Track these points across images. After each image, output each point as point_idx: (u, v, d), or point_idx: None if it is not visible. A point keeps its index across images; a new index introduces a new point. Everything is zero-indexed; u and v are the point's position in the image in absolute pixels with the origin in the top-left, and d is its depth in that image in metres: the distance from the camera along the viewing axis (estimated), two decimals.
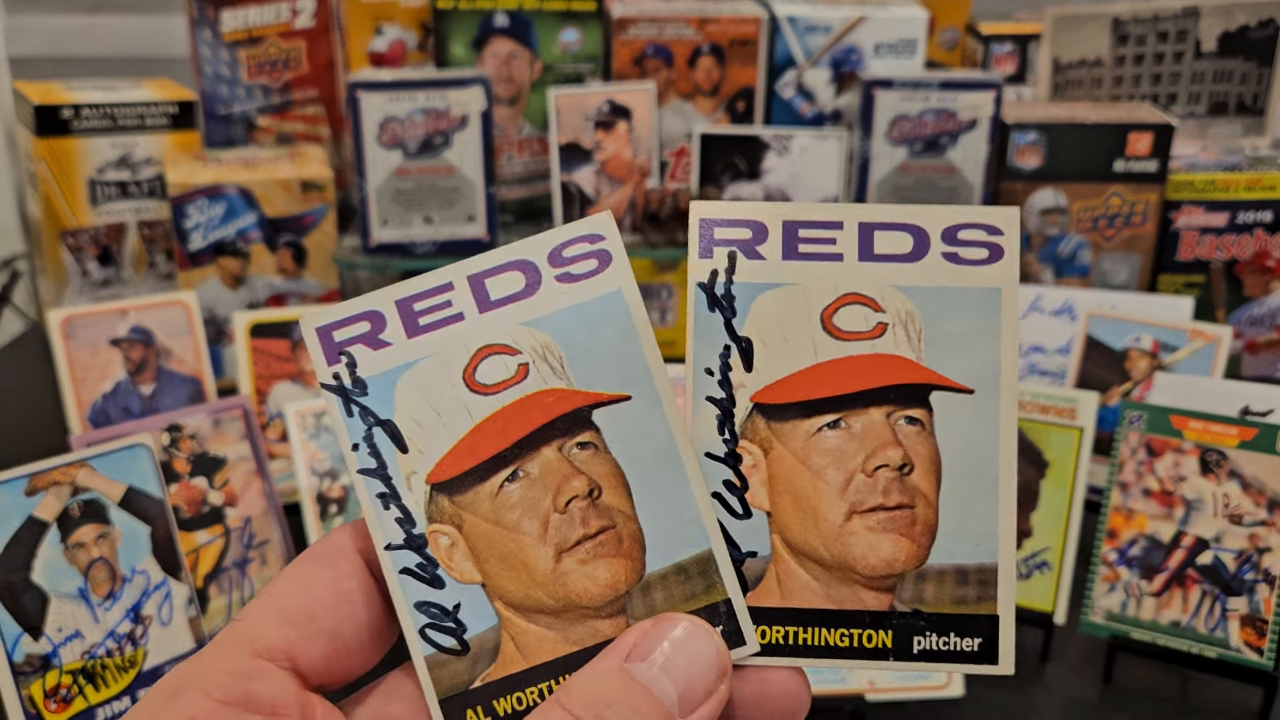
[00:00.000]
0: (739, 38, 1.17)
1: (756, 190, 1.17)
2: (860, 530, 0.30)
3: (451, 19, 1.15)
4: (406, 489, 0.30)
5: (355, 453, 0.30)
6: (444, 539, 0.30)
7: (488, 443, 0.30)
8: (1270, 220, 1.11)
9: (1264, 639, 0.73)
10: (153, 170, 1.12)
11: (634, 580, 0.29)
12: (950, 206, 0.30)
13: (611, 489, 0.30)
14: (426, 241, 1.11)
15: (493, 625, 0.30)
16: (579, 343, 0.30)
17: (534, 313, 0.30)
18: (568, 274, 0.30)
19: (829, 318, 0.30)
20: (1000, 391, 0.29)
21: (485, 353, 0.30)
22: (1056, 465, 0.80)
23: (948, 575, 0.29)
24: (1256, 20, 1.20)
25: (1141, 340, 0.96)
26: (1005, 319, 0.30)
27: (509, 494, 0.30)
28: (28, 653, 0.65)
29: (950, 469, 0.30)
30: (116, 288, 1.14)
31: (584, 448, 0.30)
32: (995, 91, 1.11)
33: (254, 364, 0.93)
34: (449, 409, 0.30)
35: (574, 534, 0.29)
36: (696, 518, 0.30)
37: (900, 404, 0.30)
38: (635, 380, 0.30)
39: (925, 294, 0.30)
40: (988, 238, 0.30)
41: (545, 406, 0.30)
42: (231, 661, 0.29)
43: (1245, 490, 0.74)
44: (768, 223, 0.30)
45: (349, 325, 0.31)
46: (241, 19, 1.17)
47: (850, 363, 0.30)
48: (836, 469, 0.30)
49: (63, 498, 0.67)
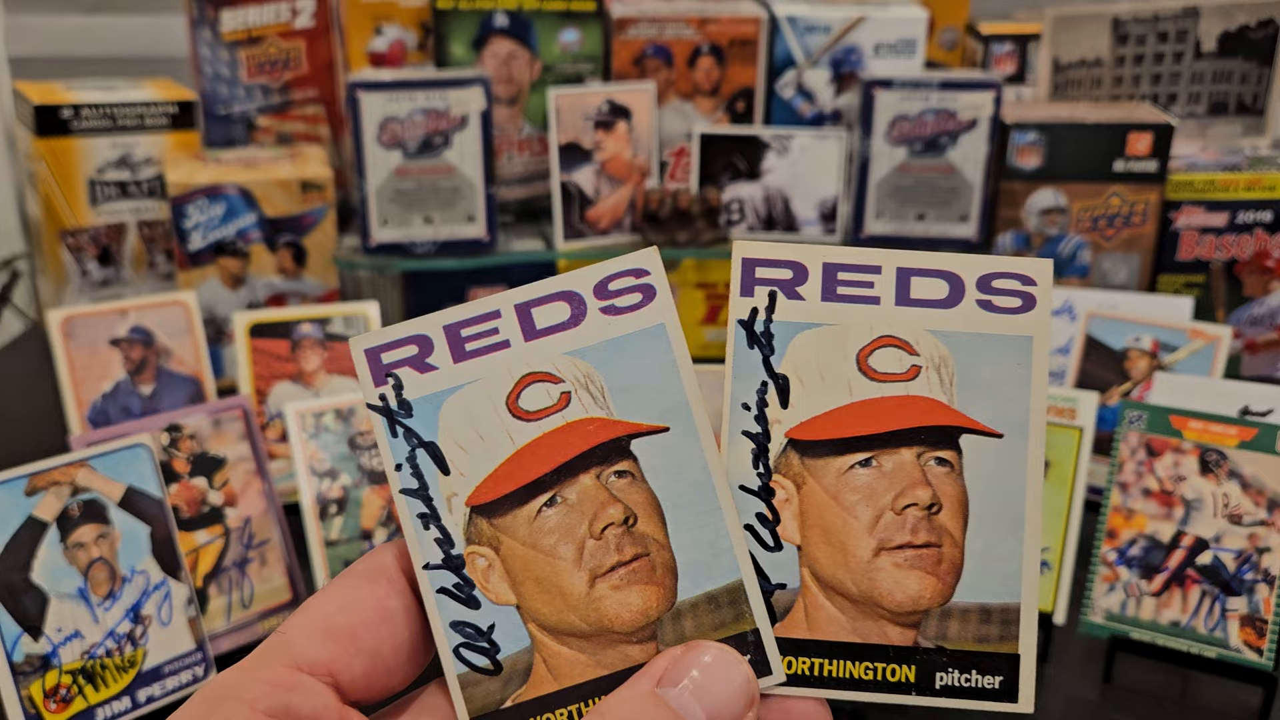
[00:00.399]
0: (739, 38, 1.17)
1: (756, 190, 1.17)
2: (888, 567, 0.30)
3: (451, 19, 1.15)
4: (447, 510, 0.31)
5: (398, 473, 0.31)
6: (481, 560, 0.30)
7: (528, 468, 0.30)
8: (1270, 220, 1.11)
9: (1263, 639, 0.73)
10: (152, 170, 1.12)
11: (665, 607, 0.30)
12: (986, 256, 0.31)
13: (647, 517, 0.30)
14: (426, 241, 1.11)
15: (525, 647, 0.30)
16: (621, 374, 0.31)
17: (578, 343, 0.31)
18: (612, 306, 0.31)
19: (865, 359, 0.31)
20: (1029, 437, 0.30)
21: (529, 380, 0.31)
22: (1056, 465, 0.80)
23: (971, 614, 0.30)
24: (1256, 20, 1.20)
25: (1141, 340, 0.96)
26: (1036, 366, 0.30)
27: (546, 519, 0.30)
28: (27, 653, 0.65)
29: (977, 510, 0.30)
30: (116, 288, 1.14)
31: (621, 476, 0.31)
32: (995, 91, 1.11)
33: (254, 364, 0.93)
34: (491, 433, 0.31)
35: (609, 560, 0.30)
36: (728, 549, 0.30)
37: (931, 445, 0.30)
38: (674, 413, 0.30)
39: (959, 339, 0.31)
40: (1021, 287, 0.31)
41: (585, 435, 0.30)
42: (273, 673, 0.29)
43: (1245, 490, 0.74)
44: (808, 264, 0.31)
45: (397, 348, 0.31)
46: (241, 19, 1.17)
47: (884, 403, 0.31)
48: (867, 506, 0.30)
49: (62, 498, 0.67)
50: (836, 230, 1.17)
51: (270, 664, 0.29)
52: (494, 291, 1.15)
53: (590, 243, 1.15)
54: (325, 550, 0.78)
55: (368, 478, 0.80)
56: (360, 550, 0.79)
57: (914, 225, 1.14)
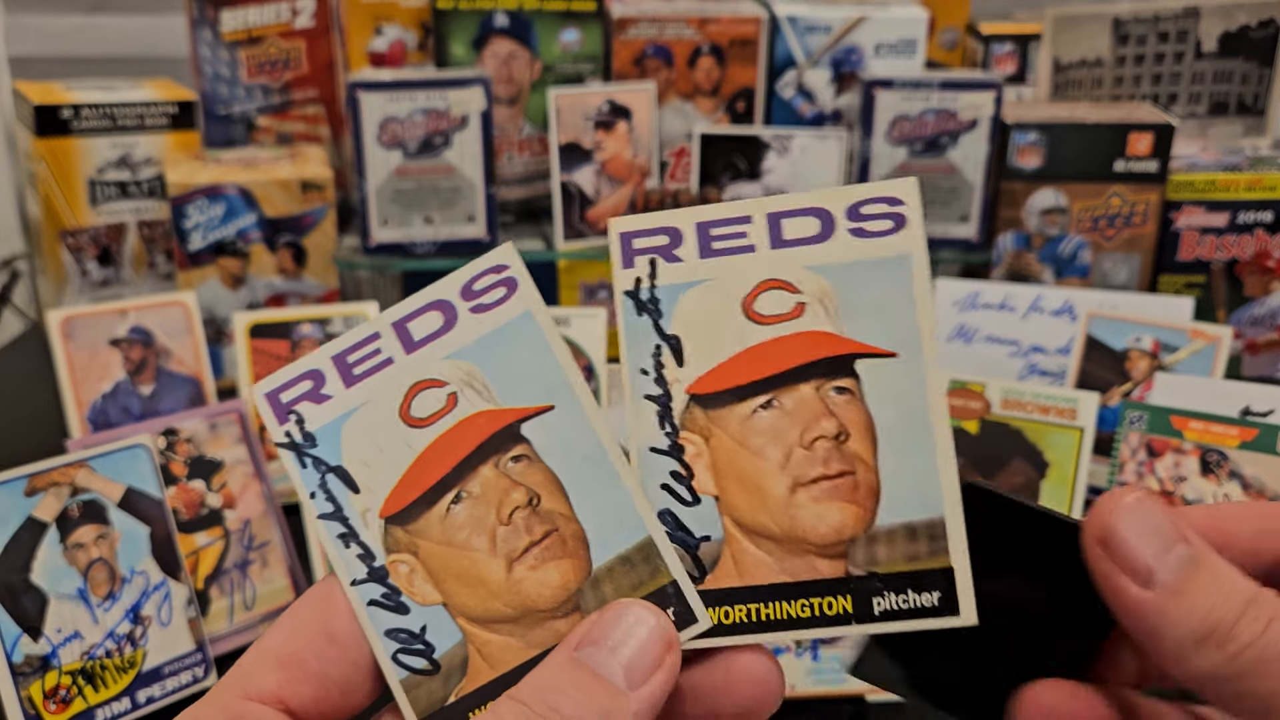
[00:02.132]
0: (739, 38, 1.17)
1: (757, 190, 1.17)
2: (806, 501, 0.31)
3: (451, 19, 1.15)
4: (363, 526, 0.32)
5: (313, 500, 0.32)
6: (403, 567, 0.32)
7: (430, 471, 0.32)
8: (1270, 220, 1.11)
9: None
10: (152, 170, 1.12)
11: (583, 578, 0.31)
12: (851, 186, 0.32)
13: (549, 495, 0.31)
14: (426, 242, 1.11)
15: (458, 641, 0.31)
16: (499, 366, 0.32)
17: (455, 345, 0.32)
18: (480, 305, 0.32)
19: (749, 305, 0.31)
20: (923, 350, 0.31)
21: (416, 389, 0.32)
22: (1057, 466, 0.80)
23: (897, 534, 0.30)
24: (1257, 20, 1.20)
25: (1142, 340, 0.96)
26: (917, 282, 0.31)
27: (456, 515, 0.31)
28: (27, 653, 0.65)
29: (885, 431, 0.31)
30: (116, 288, 1.14)
31: (518, 460, 0.32)
32: (995, 91, 1.11)
33: (254, 364, 0.93)
34: (390, 446, 0.32)
35: (521, 542, 0.31)
36: (631, 509, 0.31)
37: (827, 376, 0.31)
38: (555, 391, 0.32)
39: (837, 270, 0.31)
40: (890, 209, 0.31)
41: (477, 429, 0.32)
42: (226, 704, 0.30)
43: (1246, 491, 0.74)
44: (681, 226, 0.32)
45: (293, 386, 0.33)
46: (241, 19, 1.17)
47: (775, 344, 0.31)
48: (775, 446, 0.31)
49: (62, 498, 0.67)
50: None
51: (223, 695, 0.30)
52: None
53: (590, 243, 1.15)
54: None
55: None
56: None
57: None
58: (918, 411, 0.31)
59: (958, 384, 0.83)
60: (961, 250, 1.15)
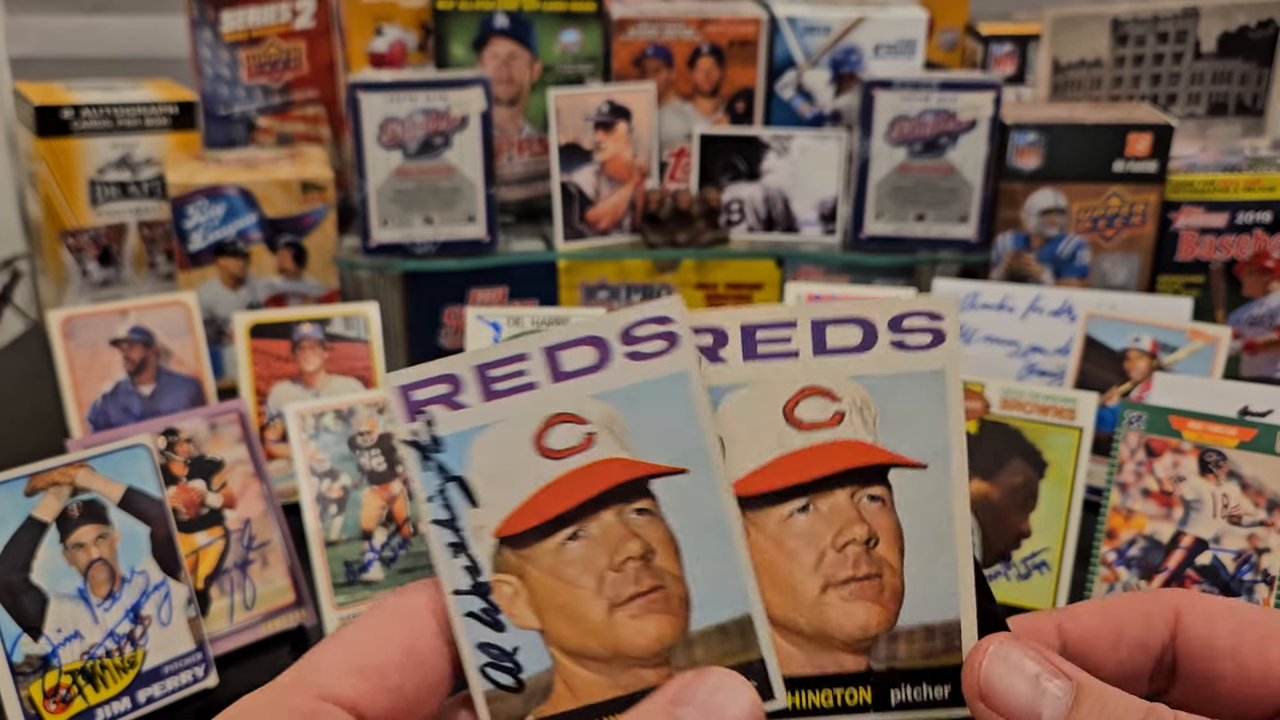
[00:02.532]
0: (739, 38, 1.17)
1: (756, 190, 1.17)
2: (835, 601, 0.32)
3: (451, 20, 1.16)
4: (475, 540, 0.32)
5: (429, 504, 0.32)
6: (507, 588, 0.32)
7: (553, 503, 0.32)
8: (1270, 221, 1.11)
9: None
10: (153, 171, 1.12)
11: (678, 636, 0.32)
12: (893, 298, 0.33)
13: (664, 552, 0.32)
14: (426, 242, 1.11)
15: (547, 668, 0.32)
16: (643, 418, 0.32)
17: (603, 386, 0.32)
18: (637, 352, 0.32)
19: (791, 411, 0.33)
20: (951, 462, 0.32)
21: (555, 420, 0.32)
22: (1056, 465, 0.80)
23: (917, 634, 0.32)
24: (1256, 21, 1.20)
25: (1141, 341, 0.96)
26: (950, 397, 0.32)
27: (570, 551, 0.32)
28: (27, 653, 0.65)
29: (911, 538, 0.32)
30: (117, 288, 1.15)
31: (641, 514, 0.32)
32: (995, 92, 1.11)
33: (254, 364, 0.93)
34: (519, 470, 0.32)
35: (627, 590, 0.32)
36: (739, 583, 0.32)
37: (862, 484, 0.32)
38: (692, 456, 0.32)
39: (877, 381, 0.33)
40: (930, 324, 0.33)
41: (609, 474, 0.32)
42: (300, 701, 0.30)
43: (1244, 491, 0.74)
44: (726, 328, 0.33)
45: (428, 386, 0.32)
46: (241, 19, 1.17)
47: (813, 451, 0.33)
48: (809, 548, 0.32)
49: (62, 498, 0.67)
50: (836, 230, 1.17)
51: (296, 691, 0.30)
52: (495, 293, 1.15)
53: (590, 243, 1.15)
54: (325, 550, 0.78)
55: (368, 478, 0.80)
56: (360, 550, 0.79)
57: (914, 226, 1.15)
58: (943, 521, 0.32)
59: None
60: (960, 250, 1.15)
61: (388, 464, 0.81)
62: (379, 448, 0.81)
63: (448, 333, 1.16)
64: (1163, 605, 0.33)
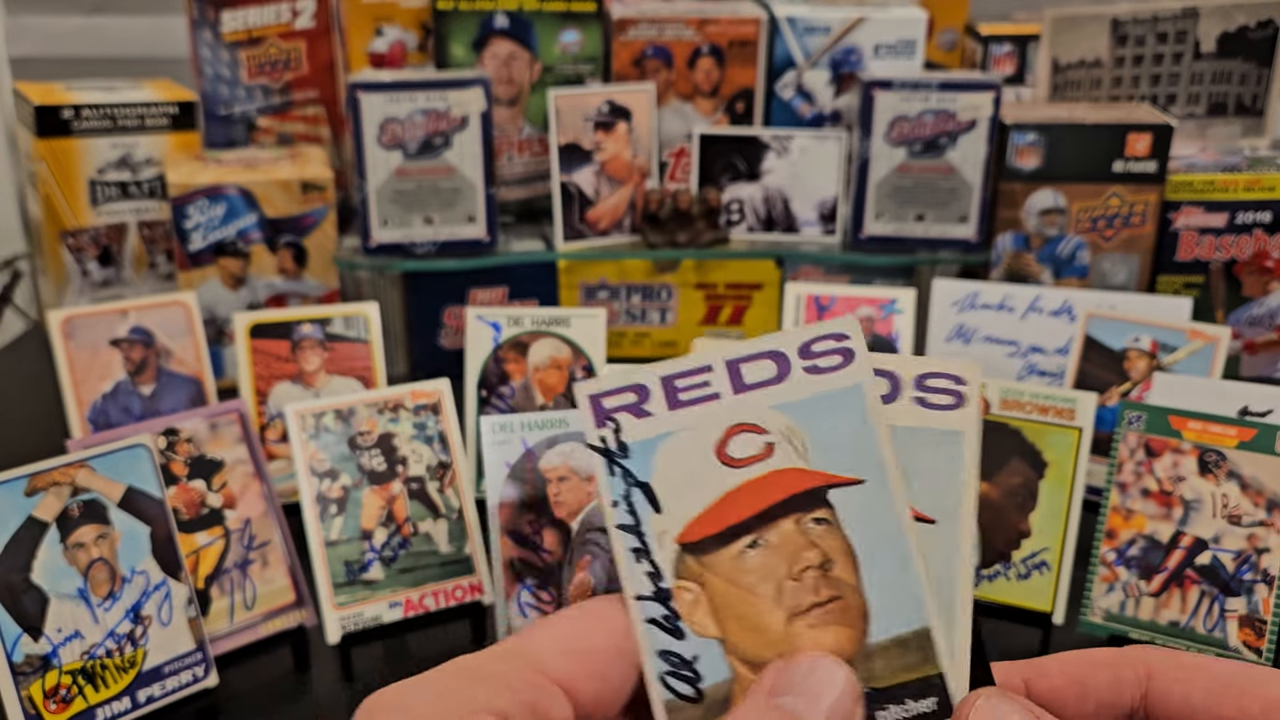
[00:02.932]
0: (738, 39, 1.17)
1: (756, 190, 1.17)
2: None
3: (451, 20, 1.16)
4: (658, 546, 0.33)
5: (614, 509, 0.33)
6: (688, 595, 0.33)
7: (734, 511, 0.33)
8: (1269, 221, 1.11)
9: (1262, 639, 0.73)
10: (153, 171, 1.12)
11: (856, 649, 0.32)
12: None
13: (842, 563, 0.32)
14: (426, 242, 1.11)
15: (726, 679, 0.32)
16: (820, 428, 0.33)
17: (783, 398, 0.33)
18: (815, 366, 0.33)
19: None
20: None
21: (737, 430, 0.33)
22: (1055, 465, 0.80)
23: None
24: (1255, 21, 1.20)
25: (1140, 341, 0.96)
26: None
27: (749, 559, 0.32)
28: (27, 653, 0.65)
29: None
30: (117, 288, 1.15)
31: (820, 523, 0.33)
32: (994, 92, 1.11)
33: (254, 364, 0.93)
34: (701, 477, 0.33)
35: (806, 600, 0.32)
36: (917, 596, 0.32)
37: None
38: (868, 467, 0.33)
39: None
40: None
41: (788, 483, 0.33)
42: (525, 673, 0.31)
43: (1244, 491, 0.74)
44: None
45: (617, 394, 0.33)
46: (241, 20, 1.17)
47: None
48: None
49: (62, 498, 0.67)
50: (836, 230, 1.17)
51: (518, 663, 0.31)
52: (495, 293, 1.15)
53: (590, 243, 1.15)
54: (325, 550, 0.78)
55: (368, 478, 0.80)
56: (360, 550, 0.79)
57: (913, 226, 1.15)
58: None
59: None
60: (960, 251, 1.15)
61: (388, 464, 0.81)
62: (379, 448, 0.81)
63: (448, 333, 1.16)
64: (1134, 663, 0.33)
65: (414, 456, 0.82)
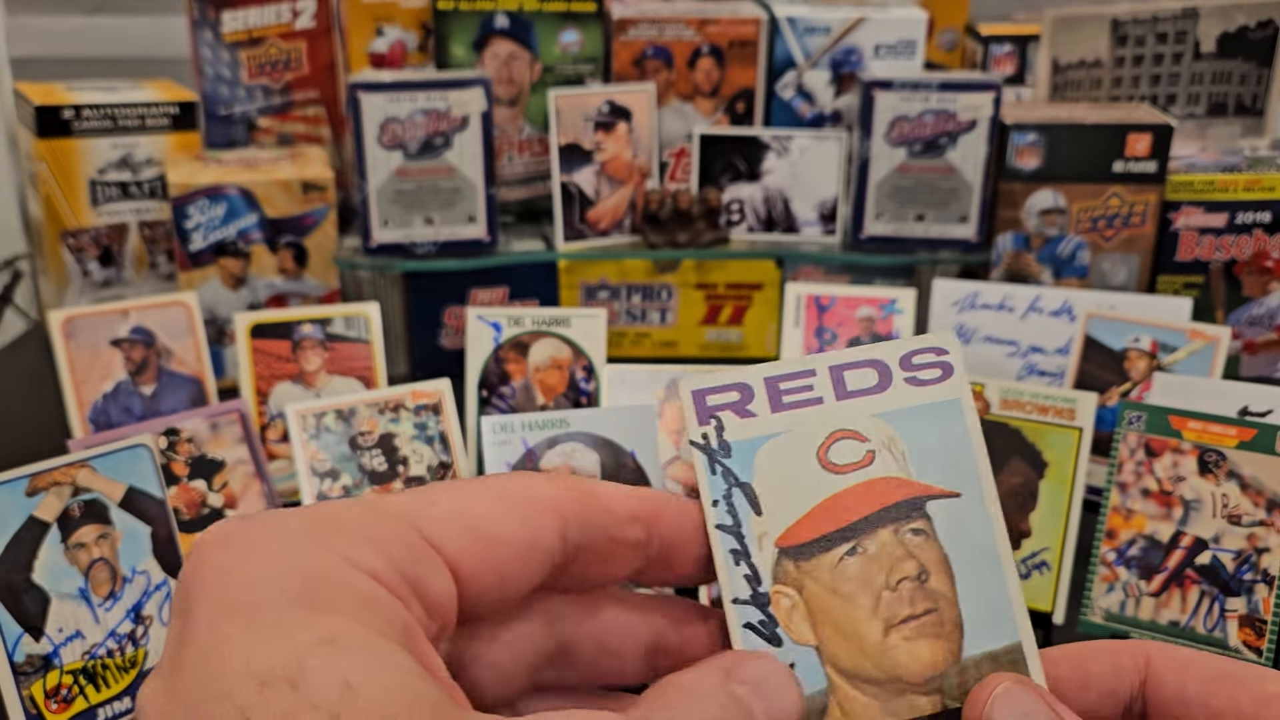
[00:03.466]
0: (739, 39, 1.17)
1: (756, 191, 1.17)
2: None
3: (452, 20, 1.16)
4: (757, 548, 0.32)
5: (714, 509, 0.33)
6: (786, 600, 0.32)
7: (834, 517, 0.33)
8: (1269, 221, 1.11)
9: (1262, 639, 0.73)
10: (154, 171, 1.13)
11: (951, 662, 0.32)
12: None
13: (938, 575, 0.32)
14: (427, 242, 1.11)
15: (822, 689, 0.32)
16: (920, 439, 0.33)
17: (884, 407, 0.33)
18: (915, 378, 0.34)
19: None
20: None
21: (838, 436, 0.33)
22: (1055, 465, 0.80)
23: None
24: (1255, 21, 1.20)
25: (1140, 341, 0.96)
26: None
27: (848, 566, 0.32)
28: (28, 653, 0.65)
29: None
30: (117, 288, 1.15)
31: (917, 534, 0.33)
32: (994, 92, 1.11)
33: (255, 364, 0.93)
34: (802, 481, 0.33)
35: (903, 611, 0.32)
36: (1010, 611, 0.32)
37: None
38: (966, 480, 0.33)
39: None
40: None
41: (887, 491, 0.33)
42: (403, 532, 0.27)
43: (1244, 490, 0.74)
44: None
45: (722, 392, 0.33)
46: (242, 20, 1.17)
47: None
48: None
49: (63, 498, 0.67)
50: (836, 230, 1.17)
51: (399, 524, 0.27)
52: (495, 293, 1.15)
53: (591, 243, 1.15)
54: None
55: (368, 478, 0.80)
56: None
57: (914, 226, 1.15)
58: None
59: None
60: (960, 251, 1.15)
61: (388, 464, 0.81)
62: (380, 448, 0.81)
63: (448, 333, 1.17)
64: (1134, 653, 0.33)
65: (415, 457, 0.82)
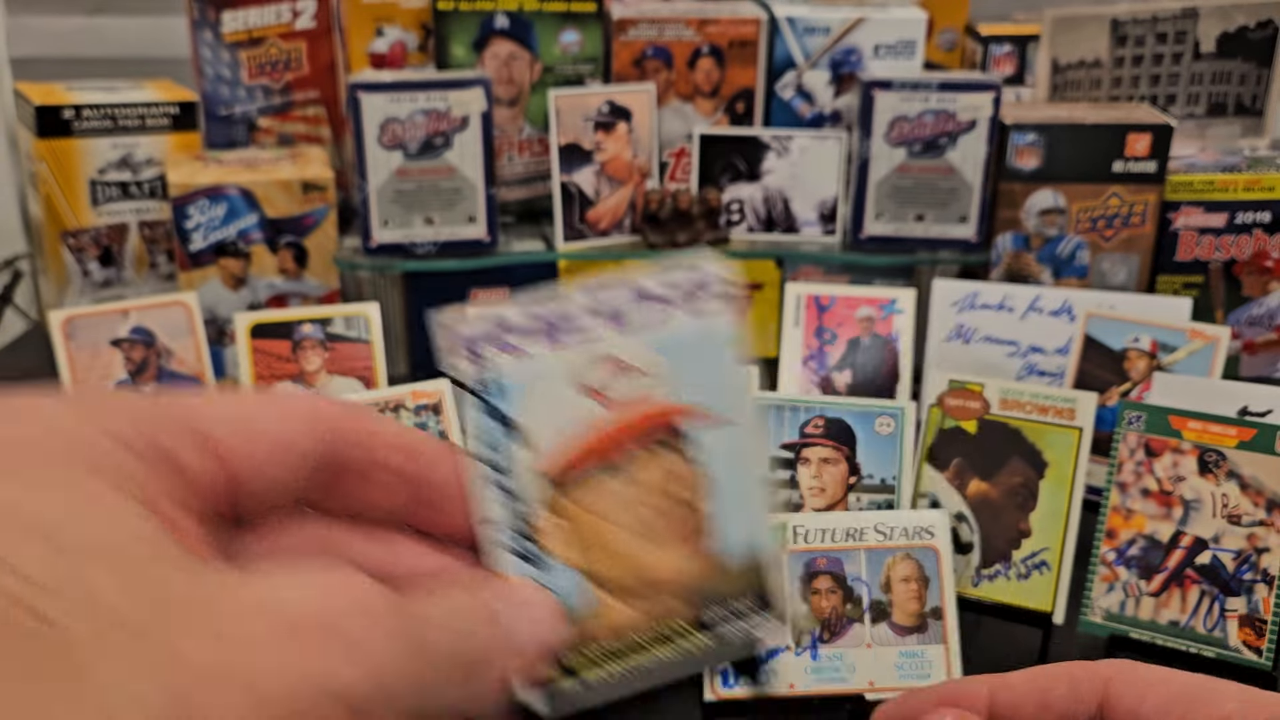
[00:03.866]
0: (738, 39, 1.17)
1: (756, 191, 1.17)
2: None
3: (452, 20, 1.16)
4: (524, 481, 0.34)
5: (479, 443, 0.33)
6: (552, 526, 0.34)
7: (600, 446, 0.34)
8: (1269, 221, 1.11)
9: (1262, 639, 0.73)
10: (154, 171, 1.13)
11: (707, 571, 0.34)
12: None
13: (697, 494, 0.34)
14: (427, 242, 1.11)
15: (592, 609, 0.33)
16: (690, 368, 0.35)
17: (653, 335, 0.35)
18: (689, 308, 0.35)
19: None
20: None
21: (609, 366, 0.34)
22: (1055, 465, 0.81)
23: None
24: (1255, 21, 1.20)
25: (1140, 341, 0.96)
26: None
27: (613, 490, 0.34)
28: None
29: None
30: (118, 288, 1.15)
31: (681, 457, 0.34)
32: (994, 92, 1.11)
33: (255, 364, 0.93)
34: (570, 413, 0.34)
35: (662, 527, 0.34)
36: (759, 530, 0.35)
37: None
38: (733, 407, 0.35)
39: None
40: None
41: (653, 416, 0.34)
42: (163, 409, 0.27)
43: (1244, 490, 0.74)
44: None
45: (485, 327, 0.34)
46: (242, 20, 1.17)
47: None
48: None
49: None
50: (836, 230, 1.17)
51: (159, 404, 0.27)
52: (495, 293, 1.15)
53: (591, 243, 1.15)
54: None
55: None
56: None
57: (913, 226, 1.15)
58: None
59: (956, 384, 0.84)
60: (960, 251, 1.15)
61: None
62: None
63: None
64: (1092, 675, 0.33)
65: None
